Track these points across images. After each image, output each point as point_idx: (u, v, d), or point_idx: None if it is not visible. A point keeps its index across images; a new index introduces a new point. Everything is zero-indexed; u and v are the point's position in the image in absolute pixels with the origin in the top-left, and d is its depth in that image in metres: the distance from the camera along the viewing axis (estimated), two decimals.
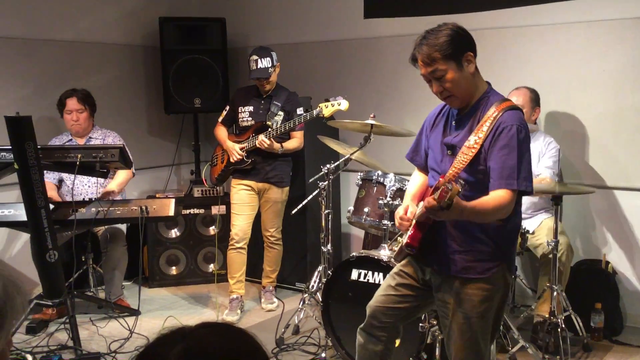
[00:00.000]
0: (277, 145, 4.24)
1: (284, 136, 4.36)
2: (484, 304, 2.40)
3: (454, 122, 2.45)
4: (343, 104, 3.97)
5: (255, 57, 4.29)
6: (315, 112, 4.03)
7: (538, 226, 3.95)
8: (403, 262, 2.61)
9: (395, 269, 2.65)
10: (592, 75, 4.09)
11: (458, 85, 2.35)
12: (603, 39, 4.03)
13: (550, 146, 3.96)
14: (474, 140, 2.31)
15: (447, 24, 2.38)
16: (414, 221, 2.44)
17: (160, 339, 1.01)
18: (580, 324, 3.71)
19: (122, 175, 4.41)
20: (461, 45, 2.35)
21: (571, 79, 4.16)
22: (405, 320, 2.69)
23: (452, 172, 2.33)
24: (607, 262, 4.05)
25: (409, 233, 2.44)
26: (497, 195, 2.26)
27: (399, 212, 2.50)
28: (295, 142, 4.36)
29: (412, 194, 2.64)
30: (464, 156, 2.32)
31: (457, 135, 2.41)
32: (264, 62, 4.28)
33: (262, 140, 4.15)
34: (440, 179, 2.33)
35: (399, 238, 2.60)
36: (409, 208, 2.49)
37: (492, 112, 2.32)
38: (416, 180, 2.71)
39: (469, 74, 2.36)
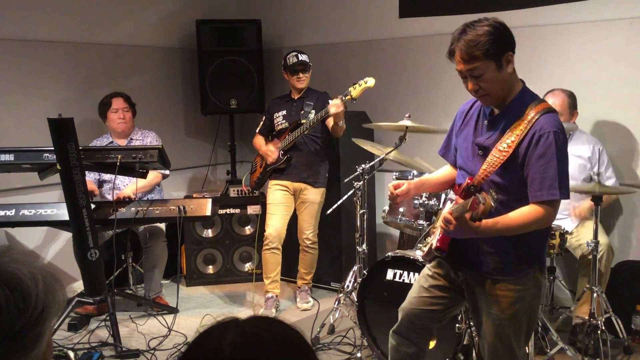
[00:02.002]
0: (343, 111, 4.11)
1: (317, 134, 4.38)
2: (515, 305, 2.37)
3: (485, 121, 2.39)
4: (370, 81, 3.97)
5: (294, 53, 4.44)
6: (344, 93, 4.04)
7: (577, 227, 3.88)
8: (434, 263, 2.59)
9: (426, 270, 2.62)
10: (633, 73, 4.00)
11: (495, 85, 2.28)
12: None
13: (602, 153, 3.91)
14: (506, 144, 2.26)
15: (488, 19, 2.29)
16: (441, 217, 2.38)
17: (213, 327, 1.04)
18: (621, 326, 3.64)
19: (149, 177, 4.37)
20: (503, 44, 2.27)
21: (611, 77, 4.08)
22: (439, 322, 2.66)
23: (482, 174, 2.29)
24: None
25: (437, 236, 2.42)
26: (534, 207, 2.23)
27: (391, 185, 2.53)
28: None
29: (427, 178, 2.65)
30: (495, 159, 2.27)
31: (489, 136, 2.35)
32: (304, 57, 4.43)
33: (336, 104, 4.04)
34: (468, 180, 2.32)
35: (427, 238, 2.58)
36: (401, 185, 2.51)
37: (527, 115, 2.26)
38: (441, 171, 2.69)
39: (507, 74, 2.30)
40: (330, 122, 4.26)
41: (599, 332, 3.42)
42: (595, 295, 3.47)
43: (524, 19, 4.30)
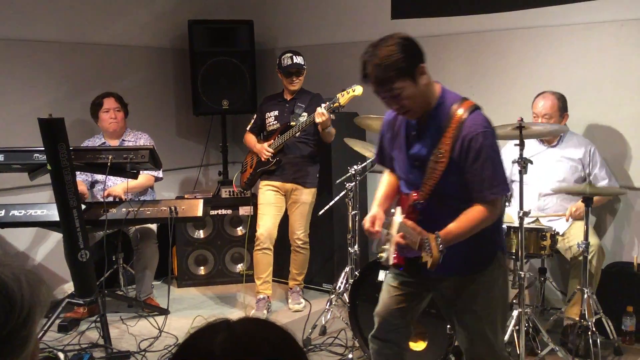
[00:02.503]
0: (330, 120, 4.13)
1: (309, 137, 4.38)
2: (487, 295, 2.42)
3: (414, 132, 2.40)
4: (357, 89, 3.97)
5: (289, 54, 4.41)
6: (332, 101, 4.03)
7: (568, 228, 3.89)
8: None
9: (394, 269, 2.62)
10: (624, 75, 4.03)
11: (415, 100, 2.29)
12: (636, 37, 3.95)
13: (595, 155, 3.92)
14: (441, 153, 2.28)
15: (393, 36, 2.29)
16: (394, 238, 2.38)
17: (203, 328, 1.03)
18: (612, 327, 3.65)
19: (141, 178, 4.35)
20: (413, 59, 2.27)
21: (603, 79, 4.09)
22: (414, 316, 2.68)
23: (427, 189, 2.33)
24: (639, 265, 3.98)
25: (393, 253, 2.43)
26: (480, 209, 2.28)
27: (365, 222, 2.49)
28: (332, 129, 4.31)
29: (380, 199, 2.60)
30: (434, 171, 2.30)
31: (421, 147, 2.37)
32: (299, 59, 4.41)
33: (321, 112, 4.06)
34: (415, 195, 2.35)
35: (384, 247, 2.59)
36: (377, 218, 2.49)
37: (454, 118, 2.28)
38: (385, 180, 2.68)
39: (423, 86, 2.30)
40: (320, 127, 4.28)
41: (589, 333, 3.43)
42: (585, 296, 3.48)
43: (515, 21, 4.32)
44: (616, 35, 4.02)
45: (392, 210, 3.53)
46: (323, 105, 4.10)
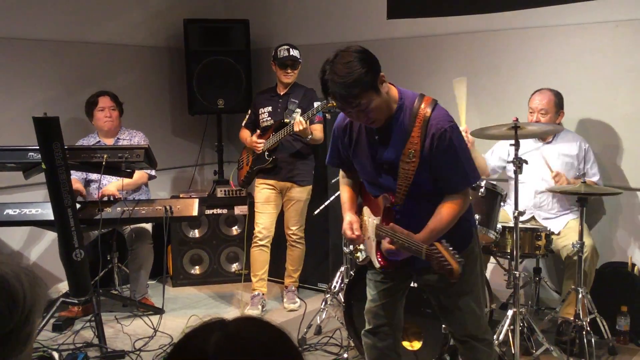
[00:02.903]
0: (309, 131, 4.19)
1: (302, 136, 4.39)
2: (472, 272, 2.53)
3: (377, 136, 2.41)
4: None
5: (286, 46, 4.42)
6: (324, 102, 4.02)
7: (563, 227, 3.90)
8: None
9: (371, 267, 2.67)
10: (618, 75, 4.04)
11: (381, 108, 2.31)
12: (630, 38, 3.97)
13: (589, 151, 3.94)
14: (412, 153, 2.31)
15: (348, 50, 2.30)
16: (374, 239, 2.45)
17: (198, 328, 1.04)
18: (606, 327, 3.67)
19: (134, 176, 4.30)
20: (374, 70, 2.27)
21: (597, 79, 4.11)
22: (402, 306, 2.72)
23: (401, 191, 2.36)
24: (634, 265, 3.99)
25: (375, 254, 2.48)
26: (455, 200, 2.35)
27: (346, 231, 2.52)
28: (316, 133, 4.34)
29: (348, 204, 2.62)
30: (406, 172, 2.33)
31: (388, 151, 2.39)
32: (295, 52, 4.42)
33: (299, 121, 4.09)
34: (392, 198, 2.38)
35: (359, 247, 2.62)
36: (353, 223, 2.52)
37: (417, 117, 2.31)
38: (346, 183, 2.69)
39: (385, 94, 2.33)
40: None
41: (584, 332, 3.44)
42: (580, 296, 3.49)
43: (510, 22, 4.32)
44: (610, 35, 4.03)
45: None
46: (303, 115, 4.10)
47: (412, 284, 2.76)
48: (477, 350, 2.61)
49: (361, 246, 2.63)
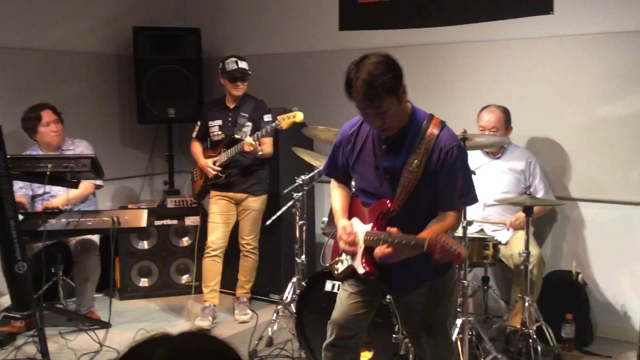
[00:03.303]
0: (259, 148, 4.18)
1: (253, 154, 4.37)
2: (451, 296, 2.57)
3: (384, 146, 2.44)
4: (298, 116, 3.97)
5: (234, 58, 4.36)
6: (274, 125, 4.01)
7: (511, 237, 3.98)
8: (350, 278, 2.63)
9: (351, 280, 2.64)
10: (563, 89, 4.16)
11: (398, 117, 2.36)
12: (574, 53, 4.10)
13: (536, 168, 4.03)
14: (415, 164, 2.34)
15: (377, 54, 2.33)
16: (362, 246, 2.47)
17: (141, 343, 1.01)
18: (552, 334, 3.75)
19: (80, 187, 4.16)
20: (399, 78, 2.32)
21: (543, 93, 4.22)
22: (369, 321, 2.72)
23: (399, 198, 2.38)
24: (578, 273, 4.10)
25: (360, 260, 2.46)
26: (451, 215, 2.40)
27: (342, 236, 2.50)
28: (266, 147, 4.33)
29: (342, 212, 2.61)
30: (408, 181, 2.36)
31: (393, 159, 2.42)
32: (244, 64, 4.36)
33: (249, 143, 4.07)
34: (389, 204, 2.40)
35: (340, 258, 2.61)
36: (347, 228, 2.51)
37: (426, 132, 2.36)
38: (339, 193, 2.70)
39: (404, 105, 2.38)
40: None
41: (530, 340, 3.51)
42: (527, 304, 3.56)
43: (458, 35, 4.41)
44: (555, 50, 4.16)
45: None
46: (265, 126, 4.08)
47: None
48: None
49: (342, 256, 2.60)
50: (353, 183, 2.73)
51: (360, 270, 2.47)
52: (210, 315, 4.39)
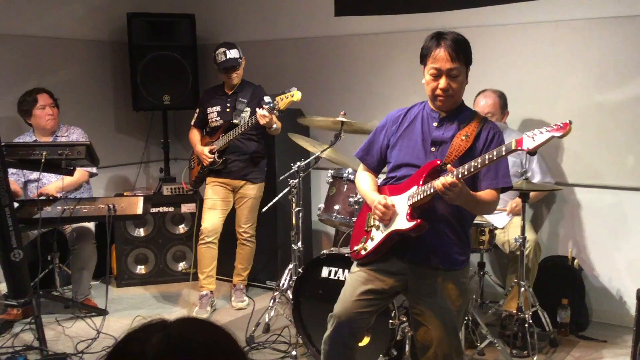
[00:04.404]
0: (275, 119, 4.10)
1: (253, 133, 4.34)
2: (464, 295, 2.55)
3: (435, 123, 2.53)
4: (296, 95, 3.92)
5: (222, 49, 4.31)
6: (272, 104, 3.98)
7: (507, 223, 3.99)
8: (369, 267, 2.61)
9: (360, 274, 2.62)
10: (558, 74, 4.15)
11: (460, 89, 2.50)
12: (569, 38, 4.09)
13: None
14: (466, 135, 2.45)
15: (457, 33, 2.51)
16: (406, 208, 2.46)
17: (138, 329, 1.00)
18: (547, 319, 3.77)
19: (75, 174, 4.14)
20: (472, 57, 2.53)
21: (538, 79, 4.21)
22: (372, 321, 2.69)
23: (451, 155, 2.43)
24: (574, 259, 4.12)
25: (405, 217, 2.45)
26: (493, 194, 2.45)
27: (379, 207, 2.49)
28: (278, 123, 4.23)
29: (374, 189, 2.65)
30: (458, 147, 2.44)
31: (443, 132, 2.51)
32: (233, 53, 4.30)
33: (263, 115, 3.98)
34: (438, 160, 2.45)
35: (371, 235, 2.59)
36: (383, 201, 2.51)
37: (475, 117, 2.52)
38: (367, 177, 2.72)
39: (465, 85, 2.53)
40: None
41: (526, 325, 3.53)
42: (522, 289, 3.57)
43: (454, 21, 4.39)
44: (551, 35, 4.14)
45: (350, 199, 3.56)
46: (264, 106, 4.01)
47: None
48: None
49: (373, 233, 2.59)
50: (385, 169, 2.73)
51: (407, 225, 2.43)
52: (209, 305, 4.39)
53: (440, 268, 2.50)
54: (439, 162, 2.44)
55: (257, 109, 4.02)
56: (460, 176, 2.28)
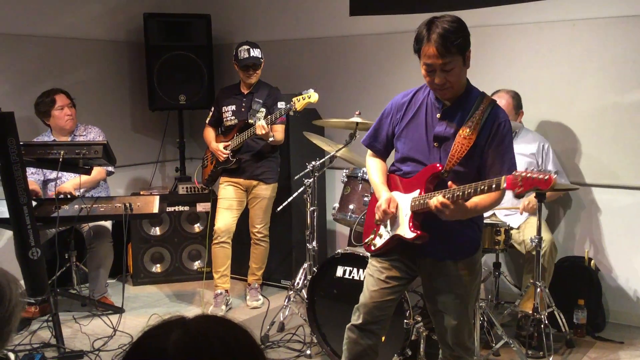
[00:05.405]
0: (271, 133, 4.17)
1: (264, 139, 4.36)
2: (473, 281, 2.57)
3: (438, 114, 2.47)
4: (313, 96, 3.95)
5: (246, 46, 4.33)
6: (288, 106, 4.01)
7: (523, 223, 3.97)
8: (384, 257, 2.64)
9: (377, 264, 2.66)
10: (575, 74, 4.12)
11: (459, 79, 2.41)
12: (586, 37, 4.06)
13: (549, 151, 4.02)
14: (468, 132, 2.38)
15: (451, 15, 2.38)
16: (409, 212, 2.47)
17: (158, 326, 1.02)
18: (564, 320, 3.74)
19: (93, 172, 4.18)
20: (468, 41, 2.38)
21: (555, 78, 4.19)
22: (394, 309, 2.73)
23: (452, 161, 2.39)
24: (590, 259, 4.09)
25: (408, 225, 2.47)
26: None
27: (383, 205, 2.52)
28: (278, 134, 4.32)
29: (384, 184, 2.65)
30: (460, 147, 2.38)
31: (445, 127, 2.45)
32: (256, 52, 4.33)
33: (262, 126, 4.05)
34: (439, 167, 2.42)
35: (380, 232, 2.62)
36: (392, 200, 2.52)
37: (480, 106, 2.42)
38: (377, 167, 2.73)
39: (465, 70, 2.42)
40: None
41: (542, 326, 3.51)
42: (538, 290, 3.55)
43: (470, 19, 4.33)
44: (568, 34, 4.11)
45: (365, 199, 3.57)
46: (275, 111, 4.06)
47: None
48: None
49: (381, 230, 2.61)
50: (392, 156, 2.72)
51: (409, 234, 2.47)
52: (223, 303, 4.41)
53: (450, 258, 2.52)
54: (439, 167, 2.42)
55: (258, 121, 4.06)
56: (453, 199, 2.28)
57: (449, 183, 2.34)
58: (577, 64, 4.11)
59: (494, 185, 2.21)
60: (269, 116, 4.15)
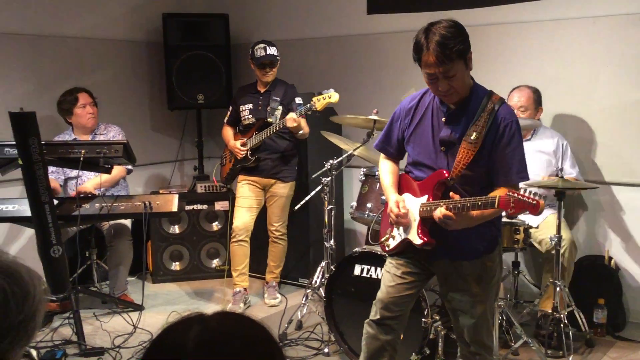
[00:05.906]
0: (302, 125, 4.15)
1: (285, 131, 4.36)
2: (491, 280, 2.55)
3: (443, 118, 2.46)
4: (334, 97, 3.94)
5: (263, 45, 4.34)
6: (308, 105, 4.01)
7: (542, 221, 3.94)
8: (400, 256, 2.65)
9: (393, 260, 2.67)
10: (595, 71, 4.08)
11: (463, 83, 2.38)
12: (606, 34, 4.02)
13: (567, 148, 3.99)
14: (474, 136, 2.35)
15: (446, 20, 2.35)
16: (417, 218, 2.47)
17: (177, 322, 1.03)
18: (583, 319, 3.71)
19: (113, 171, 4.24)
20: (468, 43, 2.35)
21: (574, 75, 4.15)
22: (412, 305, 2.74)
23: (458, 167, 2.38)
24: (610, 258, 4.05)
25: (417, 231, 2.48)
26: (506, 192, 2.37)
27: (393, 209, 2.53)
28: (305, 128, 4.26)
29: (393, 187, 2.66)
30: (466, 152, 2.36)
31: (451, 131, 2.43)
32: (272, 50, 4.34)
33: (293, 118, 4.03)
34: (446, 174, 2.41)
35: (392, 233, 2.63)
36: (400, 202, 2.53)
37: (487, 107, 2.38)
38: (388, 169, 2.73)
39: (468, 73, 2.40)
40: None
41: (561, 325, 3.48)
42: (558, 289, 3.53)
43: (489, 17, 4.35)
44: (587, 31, 4.07)
45: (382, 197, 3.58)
46: (297, 110, 4.06)
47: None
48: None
49: (394, 232, 2.62)
50: (406, 157, 2.72)
51: (417, 241, 2.48)
52: (242, 301, 4.43)
53: (465, 258, 2.52)
54: (446, 174, 2.41)
55: (289, 114, 4.06)
56: (455, 210, 2.28)
57: (451, 194, 2.34)
58: (597, 61, 4.07)
59: (489, 203, 2.23)
60: (298, 109, 4.11)
